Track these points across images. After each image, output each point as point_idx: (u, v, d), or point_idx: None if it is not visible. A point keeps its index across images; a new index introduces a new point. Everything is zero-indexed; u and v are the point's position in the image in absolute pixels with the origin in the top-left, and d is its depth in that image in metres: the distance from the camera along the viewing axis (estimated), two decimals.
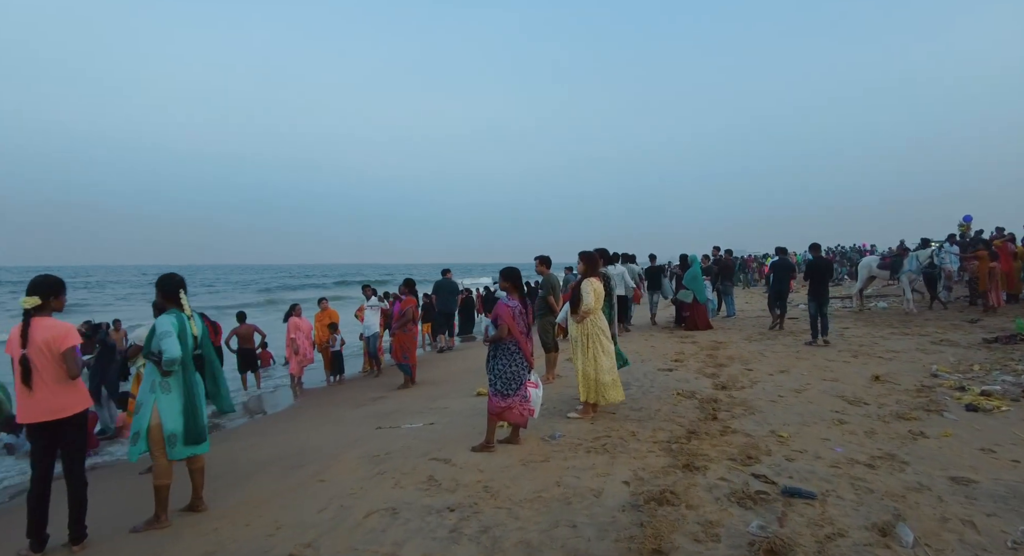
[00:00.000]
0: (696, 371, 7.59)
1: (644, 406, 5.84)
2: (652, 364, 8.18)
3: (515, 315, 4.66)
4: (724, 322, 13.21)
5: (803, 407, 5.65)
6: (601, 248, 6.16)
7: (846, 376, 6.98)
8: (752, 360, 8.25)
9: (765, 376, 7.16)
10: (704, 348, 9.46)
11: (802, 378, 6.96)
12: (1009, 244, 12.95)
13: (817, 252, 10.62)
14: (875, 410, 5.45)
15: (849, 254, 30.08)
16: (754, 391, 6.39)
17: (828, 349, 8.93)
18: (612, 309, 6.04)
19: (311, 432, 6.45)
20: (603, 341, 5.46)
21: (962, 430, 4.79)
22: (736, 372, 7.43)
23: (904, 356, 8.12)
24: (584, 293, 5.35)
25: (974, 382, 6.40)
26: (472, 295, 18.41)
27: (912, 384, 6.44)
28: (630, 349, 9.42)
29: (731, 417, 5.34)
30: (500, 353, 4.67)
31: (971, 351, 8.22)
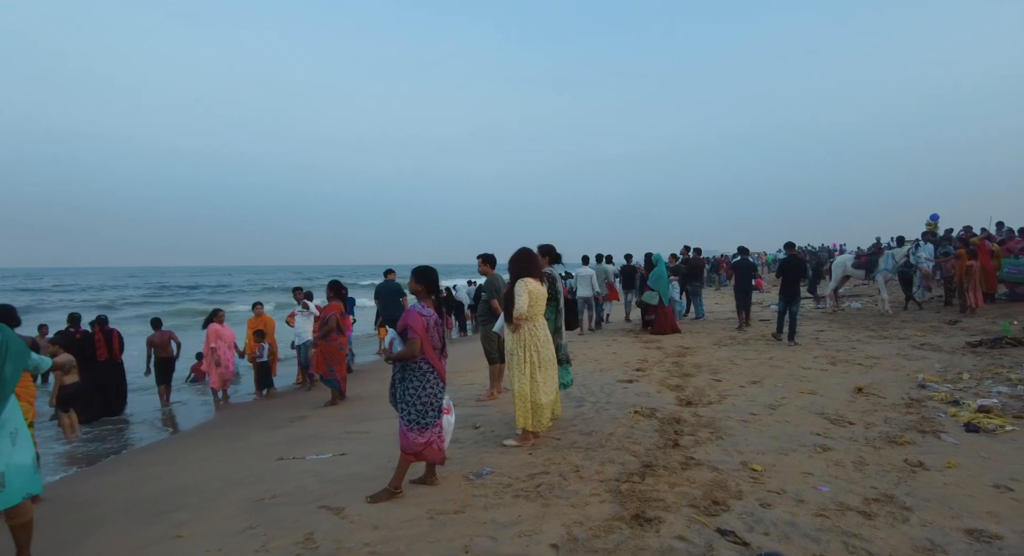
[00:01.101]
0: (659, 382, 6.75)
1: (595, 429, 4.95)
2: (612, 374, 7.32)
3: (428, 326, 3.72)
4: (693, 325, 12.46)
5: (779, 428, 4.83)
6: (547, 244, 5.26)
7: (825, 388, 6.20)
8: (721, 369, 7.45)
9: (736, 389, 6.35)
10: (670, 355, 8.65)
11: (777, 391, 6.16)
12: (987, 242, 12.48)
13: (792, 250, 10.35)
14: (862, 432, 4.65)
15: (818, 253, 29.82)
16: (723, 408, 5.56)
17: (804, 355, 8.19)
18: (559, 315, 5.14)
19: (202, 464, 5.42)
20: (542, 354, 4.56)
21: (967, 458, 4.01)
22: (703, 384, 6.60)
23: (886, 363, 7.39)
24: (517, 296, 4.44)
25: (967, 394, 5.67)
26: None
27: (899, 397, 5.68)
28: (591, 356, 8.59)
29: (695, 443, 4.49)
30: (410, 375, 3.73)
31: (956, 356, 7.54)
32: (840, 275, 13.24)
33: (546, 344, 4.62)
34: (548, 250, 5.22)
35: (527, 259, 4.64)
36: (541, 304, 4.60)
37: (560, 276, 5.69)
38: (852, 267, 12.90)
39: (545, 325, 4.71)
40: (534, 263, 4.66)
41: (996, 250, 12.17)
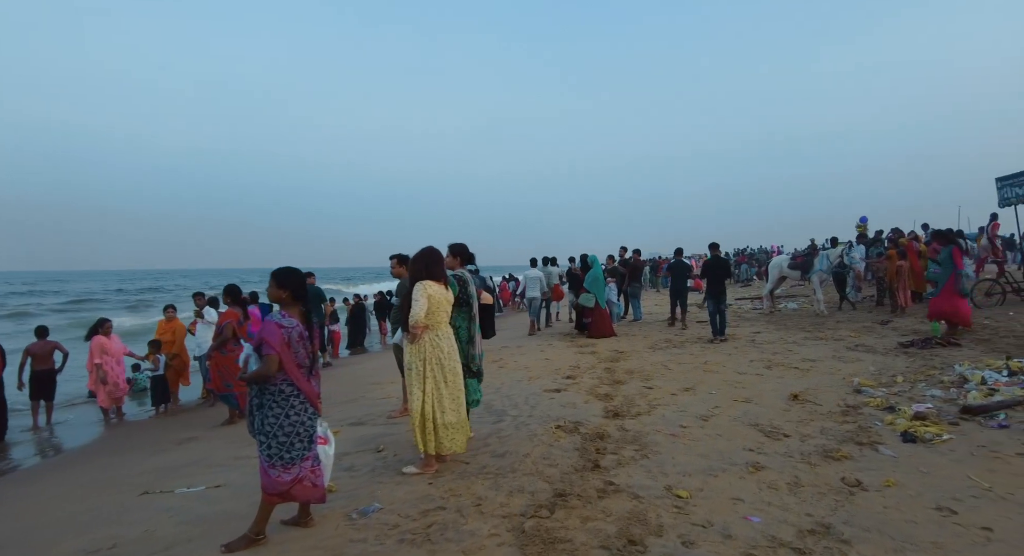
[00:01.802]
0: (588, 391, 6.28)
1: (511, 449, 4.42)
2: (541, 383, 6.82)
3: (290, 340, 3.09)
4: (630, 327, 12.15)
5: (710, 443, 4.41)
6: (458, 244, 4.69)
7: (761, 395, 5.87)
8: (654, 375, 7.06)
9: (667, 397, 5.95)
10: (603, 360, 8.23)
11: (710, 399, 5.79)
12: (914, 243, 12.67)
13: (715, 251, 10.45)
14: (797, 445, 4.28)
15: (757, 255, 30.39)
16: (652, 420, 5.13)
17: (740, 359, 7.90)
18: (471, 322, 4.58)
19: (46, 505, 4.58)
20: (446, 367, 3.99)
21: (905, 474, 3.67)
22: (634, 392, 6.18)
23: (821, 366, 7.16)
24: (413, 301, 3.87)
25: (902, 399, 5.42)
26: (366, 302, 16.63)
27: (835, 403, 5.39)
28: (522, 363, 8.08)
29: (617, 464, 4.01)
30: (269, 400, 3.09)
31: (889, 358, 7.38)
32: (776, 276, 13.21)
33: (451, 356, 4.05)
34: (459, 250, 4.65)
35: (428, 259, 4.06)
36: (444, 310, 4.03)
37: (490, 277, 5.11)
38: (788, 268, 12.88)
39: (451, 334, 4.14)
40: (437, 264, 4.08)
41: (923, 251, 12.34)
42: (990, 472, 3.66)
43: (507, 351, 9.59)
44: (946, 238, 8.67)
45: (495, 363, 8.28)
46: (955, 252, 8.16)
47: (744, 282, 25.61)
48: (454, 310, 4.46)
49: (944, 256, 8.32)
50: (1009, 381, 5.76)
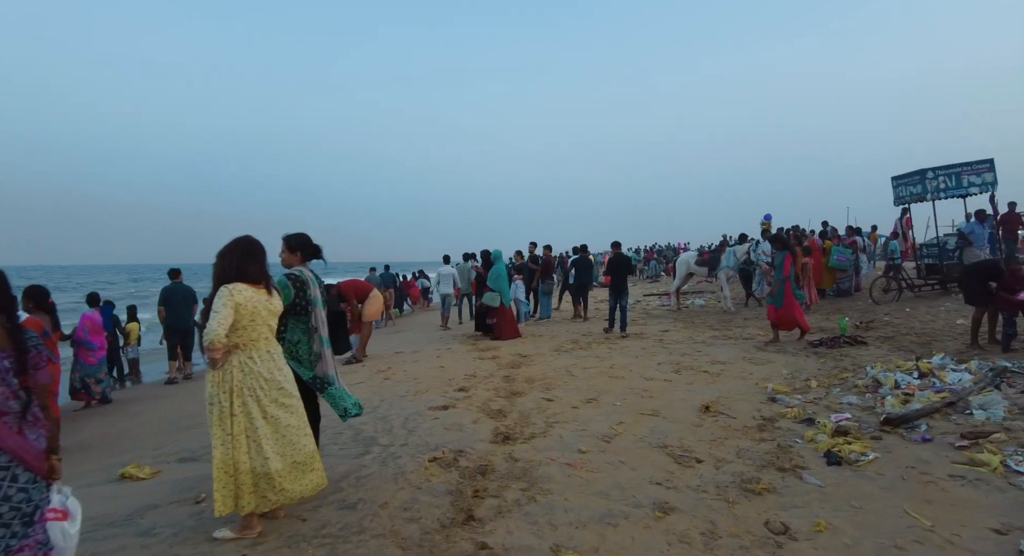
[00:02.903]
0: (480, 407, 5.44)
1: (367, 496, 3.49)
2: (427, 399, 5.90)
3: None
4: (537, 327, 11.46)
5: (611, 475, 3.67)
6: (296, 234, 3.67)
7: (670, 406, 5.25)
8: (556, 383, 6.33)
9: (568, 411, 5.21)
10: (503, 366, 7.43)
11: (614, 413, 5.10)
12: (816, 240, 12.79)
13: (617, 249, 10.44)
14: (712, 475, 3.62)
15: (665, 252, 30.83)
16: (547, 443, 4.35)
17: (647, 361, 7.33)
18: (312, 334, 3.57)
19: None
20: (265, 399, 2.99)
21: (836, 511, 3.07)
22: (531, 406, 5.40)
23: (732, 369, 6.69)
24: (213, 312, 2.84)
25: (819, 408, 4.96)
26: None
27: (750, 415, 4.83)
28: (412, 373, 7.13)
29: (497, 514, 3.17)
30: None
31: (800, 359, 7.04)
32: (684, 273, 12.96)
33: (275, 381, 3.04)
34: (298, 242, 3.62)
35: (241, 253, 3.03)
36: (264, 323, 3.03)
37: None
38: (695, 265, 12.65)
39: (277, 354, 3.14)
40: (253, 260, 3.05)
41: (826, 246, 12.44)
42: (927, 504, 3.12)
43: (400, 358, 8.61)
44: (781, 242, 8.41)
45: (380, 374, 7.29)
46: (788, 259, 8.00)
47: (652, 278, 25.78)
48: (288, 321, 3.47)
49: (778, 262, 8.16)
50: (921, 383, 5.45)
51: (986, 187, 10.22)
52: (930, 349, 6.85)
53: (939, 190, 10.38)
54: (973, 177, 10.18)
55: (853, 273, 12.56)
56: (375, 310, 8.41)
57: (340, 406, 3.59)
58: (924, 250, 11.22)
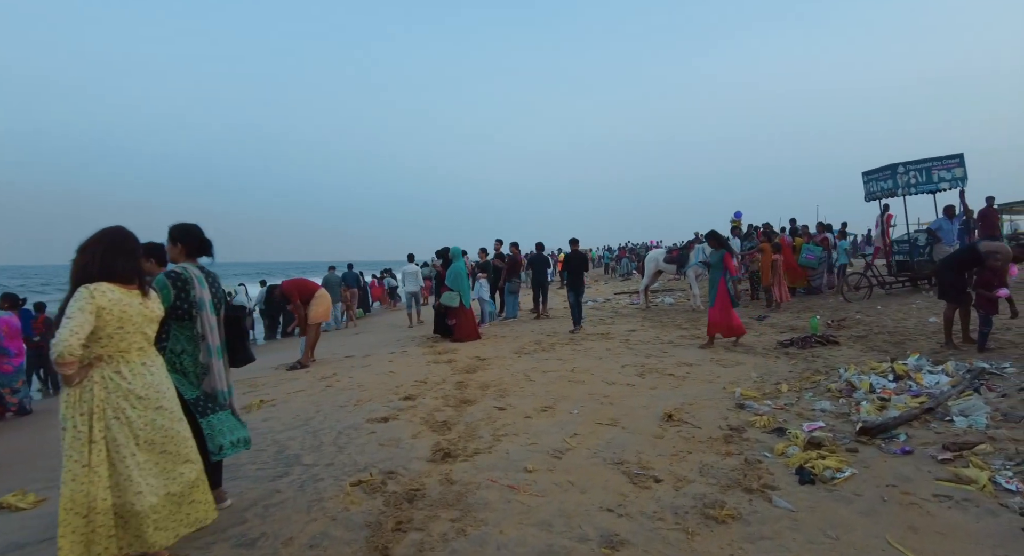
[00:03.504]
0: (424, 419, 4.94)
1: (272, 530, 2.98)
2: (368, 409, 5.39)
3: None
4: (501, 327, 10.99)
5: (558, 500, 3.21)
6: (180, 224, 3.12)
7: (630, 414, 4.82)
8: (512, 388, 5.87)
9: (520, 421, 4.74)
10: (458, 370, 6.94)
11: (570, 423, 4.65)
12: (786, 237, 12.55)
13: (575, 246, 10.65)
14: (670, 498, 3.18)
15: (638, 250, 30.64)
16: (491, 460, 3.87)
17: (611, 364, 6.91)
18: (200, 343, 3.02)
19: None
20: (139, 422, 2.45)
21: (810, 544, 2.65)
22: (481, 417, 4.92)
23: (699, 371, 6.31)
24: (66, 317, 2.30)
25: (790, 416, 4.57)
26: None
27: (716, 425, 4.42)
28: (358, 380, 6.63)
29: (418, 551, 2.69)
30: None
31: (770, 360, 6.68)
32: (652, 270, 12.61)
33: (149, 399, 2.50)
34: (181, 233, 3.07)
35: (107, 247, 2.49)
36: (138, 330, 2.50)
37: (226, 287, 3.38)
38: (664, 262, 12.31)
39: (155, 366, 2.60)
40: (124, 255, 2.51)
41: (797, 244, 12.20)
42: (912, 532, 2.72)
43: (349, 363, 8.06)
44: (718, 240, 7.95)
45: (324, 381, 6.75)
46: (727, 258, 7.62)
47: (624, 276, 25.53)
48: (171, 327, 2.93)
49: (715, 261, 7.76)
50: (897, 387, 5.11)
51: (956, 183, 10.04)
52: (904, 349, 6.55)
53: (910, 185, 10.18)
54: (943, 172, 9.99)
55: (824, 271, 12.34)
56: (322, 311, 7.85)
57: (215, 442, 2.98)
58: (895, 247, 11.02)
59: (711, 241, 8.00)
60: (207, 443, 2.98)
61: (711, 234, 8.08)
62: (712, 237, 8.02)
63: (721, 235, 8.11)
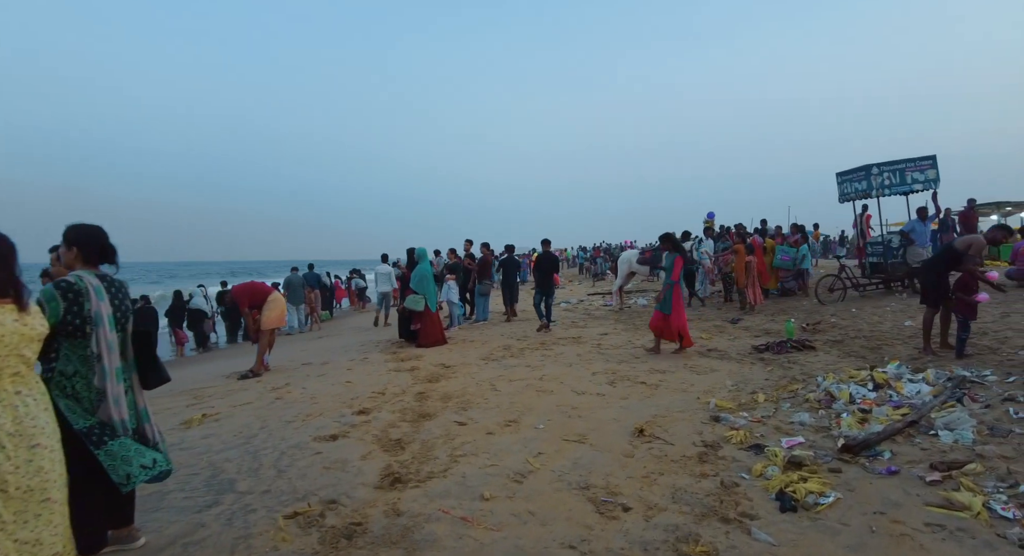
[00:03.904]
0: (377, 436, 4.56)
1: None
2: (317, 424, 4.98)
3: None
4: (470, 331, 10.60)
5: (514, 535, 2.87)
6: (80, 224, 2.69)
7: (600, 429, 4.50)
8: (476, 400, 5.51)
9: (481, 438, 4.39)
10: (420, 379, 6.56)
11: (535, 440, 4.31)
12: (757, 238, 12.40)
13: (546, 247, 10.78)
14: (639, 531, 2.86)
15: (613, 251, 30.52)
16: (445, 486, 3.52)
17: (582, 371, 6.60)
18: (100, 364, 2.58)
19: None
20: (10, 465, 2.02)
21: None
22: (439, 433, 4.56)
23: (672, 379, 6.03)
24: None
25: (767, 429, 4.30)
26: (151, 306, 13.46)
27: (690, 441, 4.12)
28: (311, 391, 6.24)
29: None
30: None
31: (745, 367, 6.43)
32: (626, 271, 12.36)
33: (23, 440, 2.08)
34: (78, 236, 2.65)
35: None
36: (12, 350, 2.08)
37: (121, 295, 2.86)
38: (637, 263, 12.07)
39: (33, 395, 2.17)
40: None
41: (769, 245, 12.06)
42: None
43: (304, 371, 7.61)
44: (671, 243, 7.57)
45: (274, 392, 6.31)
46: (678, 262, 7.24)
47: (599, 277, 25.36)
48: (62, 345, 2.51)
49: (667, 264, 7.42)
50: (878, 397, 4.89)
51: (929, 184, 9.97)
52: (881, 354, 6.37)
53: (884, 186, 10.07)
54: (917, 173, 9.91)
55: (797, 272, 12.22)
56: (275, 316, 7.39)
57: (120, 472, 2.56)
58: (869, 248, 10.92)
59: (664, 244, 7.64)
60: (110, 475, 2.57)
61: (665, 237, 7.70)
62: (665, 240, 7.65)
63: (675, 237, 7.74)
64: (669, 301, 7.22)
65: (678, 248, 7.46)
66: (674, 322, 7.21)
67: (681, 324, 7.24)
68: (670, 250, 7.49)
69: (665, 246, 7.61)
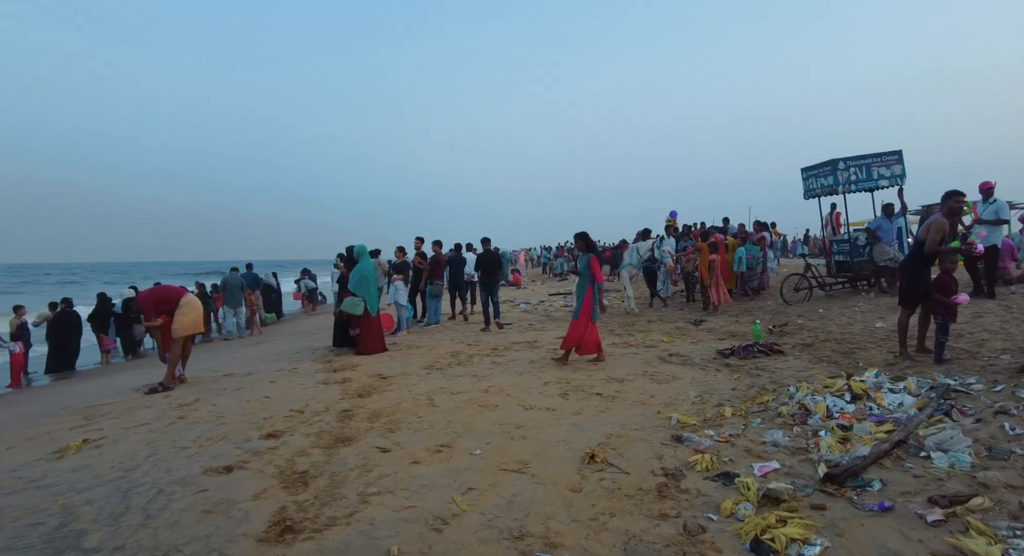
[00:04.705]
0: (280, 467, 3.83)
1: None
2: (213, 452, 4.21)
3: None
4: (419, 336, 9.86)
5: None
6: None
7: (544, 454, 3.86)
8: (408, 418, 4.81)
9: (403, 469, 3.70)
10: (350, 393, 5.82)
11: (468, 470, 3.64)
12: (719, 236, 11.98)
13: (487, 246, 10.53)
14: None
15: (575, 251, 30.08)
16: (346, 536, 2.82)
17: (532, 381, 5.96)
18: None
19: None
20: None
21: None
22: (355, 463, 3.84)
23: (630, 389, 5.43)
24: None
25: (737, 451, 3.72)
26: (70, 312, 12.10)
27: (647, 470, 3.51)
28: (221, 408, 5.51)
29: None
30: None
31: (710, 374, 5.88)
32: None
33: None
34: None
35: None
36: None
37: None
38: None
39: None
40: None
41: (731, 243, 11.63)
42: None
43: (222, 384, 6.78)
44: (586, 242, 6.80)
45: (179, 409, 5.50)
46: (594, 262, 6.57)
47: (560, 276, 24.88)
48: None
49: (582, 266, 6.71)
50: (856, 410, 4.37)
51: (895, 180, 9.64)
52: (855, 359, 5.89)
53: (850, 182, 9.71)
54: (883, 169, 9.57)
55: (759, 271, 11.83)
56: (189, 322, 6.54)
57: None
58: (835, 246, 10.57)
59: (579, 243, 6.84)
60: None
61: (579, 235, 6.87)
62: (580, 239, 6.84)
63: (590, 237, 6.90)
64: (579, 305, 6.56)
65: (592, 248, 6.75)
66: (573, 330, 6.59)
67: (578, 333, 6.58)
68: (583, 250, 6.78)
69: (580, 246, 6.83)
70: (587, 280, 6.61)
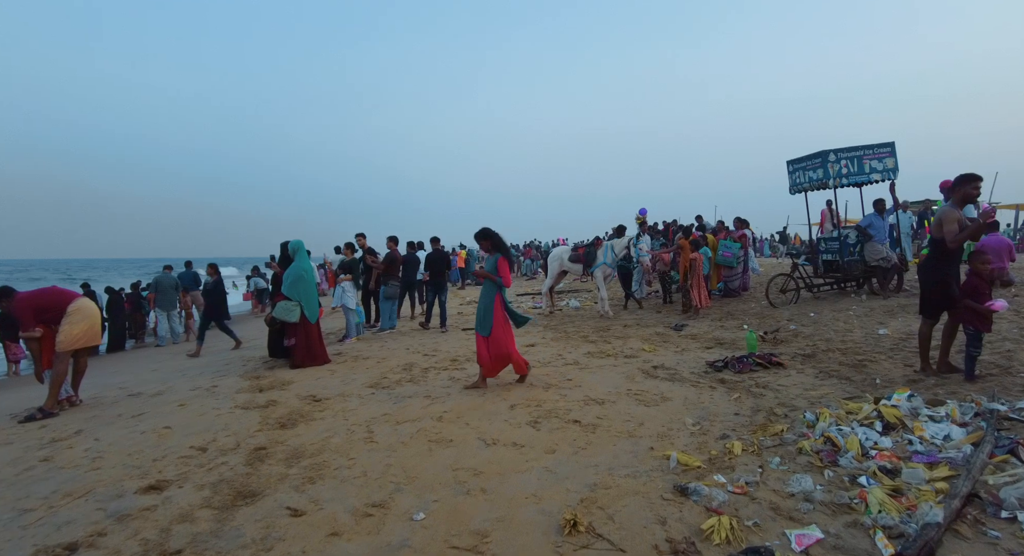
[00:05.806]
0: (151, 540, 2.78)
1: None
2: (67, 516, 3.14)
3: None
4: (370, 343, 8.78)
5: None
6: None
7: (508, 518, 2.90)
8: (336, 460, 3.80)
9: (316, 542, 2.70)
10: (272, 422, 4.75)
11: (402, 546, 2.66)
12: (696, 233, 11.23)
13: (436, 245, 10.25)
14: None
15: (544, 248, 29.23)
16: None
17: (497, 404, 4.99)
18: None
19: None
20: None
21: None
22: (253, 534, 2.82)
23: (614, 415, 4.51)
24: None
25: (760, 507, 2.84)
26: None
27: (649, 544, 2.59)
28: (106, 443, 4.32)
29: None
30: None
31: (704, 392, 5.01)
32: (556, 270, 10.85)
33: None
34: None
35: None
36: None
37: None
38: (569, 261, 10.58)
39: None
40: None
41: (712, 242, 10.88)
42: None
43: (120, 408, 5.63)
44: (491, 240, 5.64)
45: (51, 445, 4.37)
46: (501, 262, 5.50)
47: (529, 276, 24.01)
48: None
49: (489, 266, 5.57)
50: (895, 446, 3.54)
51: (887, 174, 8.99)
52: (867, 374, 5.10)
53: (841, 175, 9.01)
54: (875, 162, 8.90)
55: (741, 270, 11.11)
56: (79, 333, 5.37)
57: None
58: (823, 245, 9.87)
59: (483, 242, 5.67)
60: None
61: (482, 232, 5.63)
62: (484, 236, 5.64)
63: (495, 233, 5.65)
64: (489, 318, 5.45)
65: (500, 247, 5.62)
66: (492, 348, 5.46)
67: (503, 351, 5.50)
68: (489, 250, 5.65)
69: (485, 246, 5.68)
70: (493, 286, 5.50)
